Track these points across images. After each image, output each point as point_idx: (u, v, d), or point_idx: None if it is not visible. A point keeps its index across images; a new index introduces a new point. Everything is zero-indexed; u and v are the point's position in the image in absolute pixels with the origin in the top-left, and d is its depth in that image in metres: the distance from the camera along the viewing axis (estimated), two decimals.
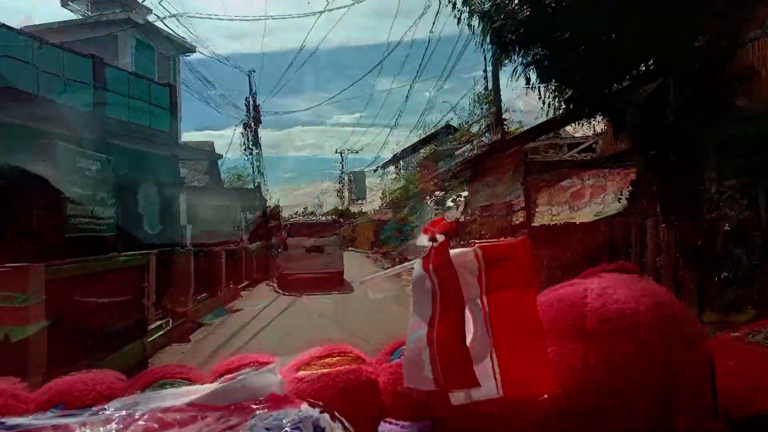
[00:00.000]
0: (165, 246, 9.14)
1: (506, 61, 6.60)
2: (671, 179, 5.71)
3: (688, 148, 5.53)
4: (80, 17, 15.60)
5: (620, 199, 7.14)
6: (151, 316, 7.64)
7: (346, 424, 0.72)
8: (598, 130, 9.44)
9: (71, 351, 4.84)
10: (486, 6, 6.22)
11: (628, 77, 6.23)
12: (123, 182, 10.18)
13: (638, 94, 6.02)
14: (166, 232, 11.50)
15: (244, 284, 14.09)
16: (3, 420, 0.69)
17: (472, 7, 6.34)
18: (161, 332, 7.70)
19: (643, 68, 6.11)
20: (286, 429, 0.67)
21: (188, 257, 9.74)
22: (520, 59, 6.26)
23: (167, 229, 11.73)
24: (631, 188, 6.99)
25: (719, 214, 5.32)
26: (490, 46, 6.68)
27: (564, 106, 6.71)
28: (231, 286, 12.71)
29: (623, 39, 5.36)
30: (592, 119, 7.65)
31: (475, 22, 6.36)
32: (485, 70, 13.90)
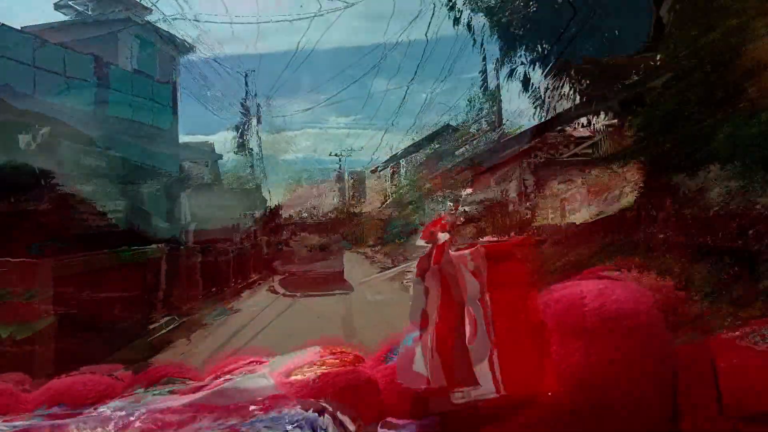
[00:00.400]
0: (169, 243, 9.19)
1: (505, 61, 6.58)
2: (680, 174, 5.67)
3: (697, 142, 5.49)
4: (76, 19, 15.65)
5: (627, 195, 7.09)
6: (158, 313, 7.67)
7: (347, 423, 0.72)
8: (599, 127, 9.37)
9: (78, 348, 4.86)
10: (492, 2, 6.20)
11: (636, 72, 6.18)
12: (127, 179, 10.25)
13: (647, 88, 5.98)
14: (170, 230, 11.58)
15: (246, 282, 14.17)
16: (3, 420, 0.69)
17: (474, 6, 6.32)
18: (166, 329, 7.73)
19: (653, 63, 6.07)
20: (287, 428, 0.67)
21: (195, 254, 9.78)
22: (525, 55, 6.23)
23: (170, 226, 11.81)
24: (638, 184, 6.94)
25: (729, 209, 5.28)
26: (496, 42, 6.64)
27: (570, 102, 6.67)
28: (234, 284, 12.78)
29: (633, 33, 5.32)
30: (599, 115, 7.60)
31: (479, 18, 6.34)
32: (482, 71, 13.80)
